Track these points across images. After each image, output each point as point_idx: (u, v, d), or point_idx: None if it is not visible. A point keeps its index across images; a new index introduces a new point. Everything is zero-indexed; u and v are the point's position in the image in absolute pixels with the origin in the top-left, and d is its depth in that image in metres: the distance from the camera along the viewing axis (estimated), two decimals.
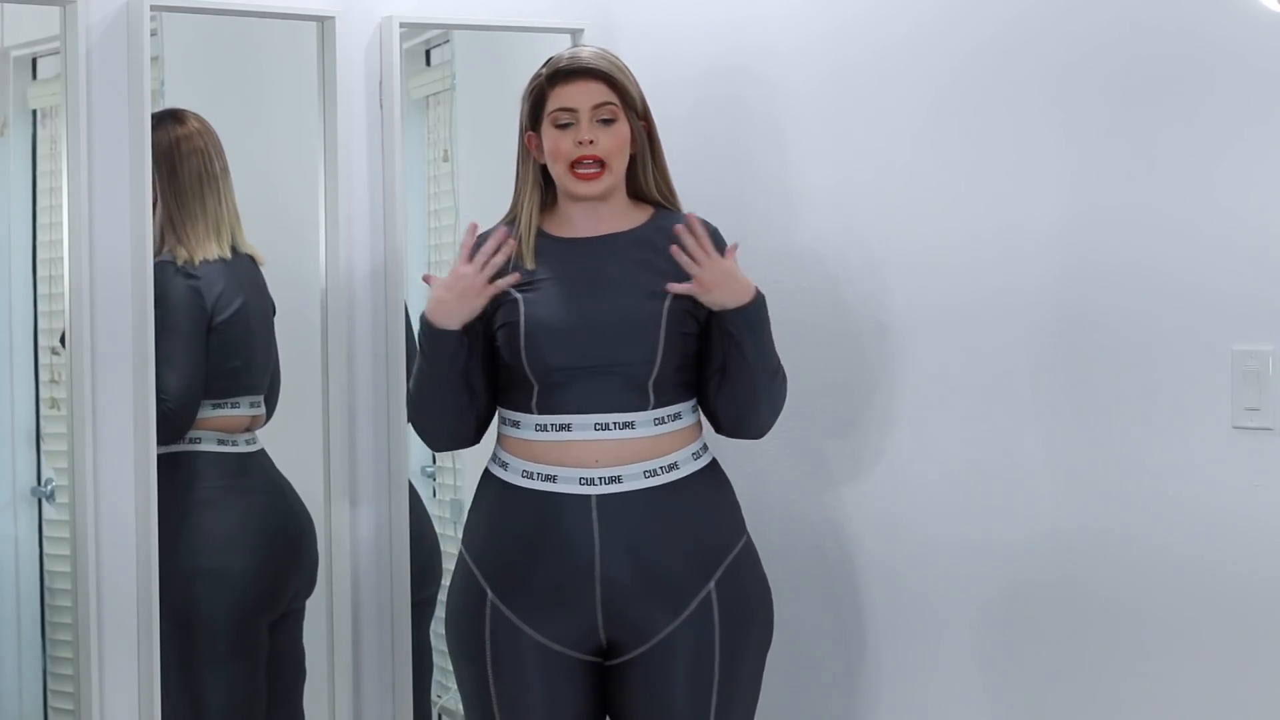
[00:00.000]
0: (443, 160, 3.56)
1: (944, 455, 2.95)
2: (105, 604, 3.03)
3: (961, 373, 2.92)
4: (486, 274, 2.70)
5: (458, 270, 2.71)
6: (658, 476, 2.72)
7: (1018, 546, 2.83)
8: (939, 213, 2.95)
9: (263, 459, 3.23)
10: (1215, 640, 2.53)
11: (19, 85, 3.15)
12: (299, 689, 3.29)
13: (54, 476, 3.13)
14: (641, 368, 2.72)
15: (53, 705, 3.13)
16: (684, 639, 2.71)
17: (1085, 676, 2.72)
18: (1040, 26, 2.78)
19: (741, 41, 3.33)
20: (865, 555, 3.12)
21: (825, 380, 3.15)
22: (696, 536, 2.74)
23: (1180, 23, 2.55)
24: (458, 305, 2.71)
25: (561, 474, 2.71)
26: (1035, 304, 2.78)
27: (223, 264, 3.16)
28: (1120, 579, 2.66)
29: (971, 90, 2.90)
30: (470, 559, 2.78)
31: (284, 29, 3.24)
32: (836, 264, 3.14)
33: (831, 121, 3.16)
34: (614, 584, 2.69)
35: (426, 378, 2.76)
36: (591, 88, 2.75)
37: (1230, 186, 2.49)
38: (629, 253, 2.78)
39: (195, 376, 3.11)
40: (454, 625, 2.80)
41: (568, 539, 2.69)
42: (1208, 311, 2.52)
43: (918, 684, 3.04)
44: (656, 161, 2.84)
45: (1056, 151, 2.75)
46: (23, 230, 3.13)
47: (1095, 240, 2.68)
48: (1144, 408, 2.61)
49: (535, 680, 2.72)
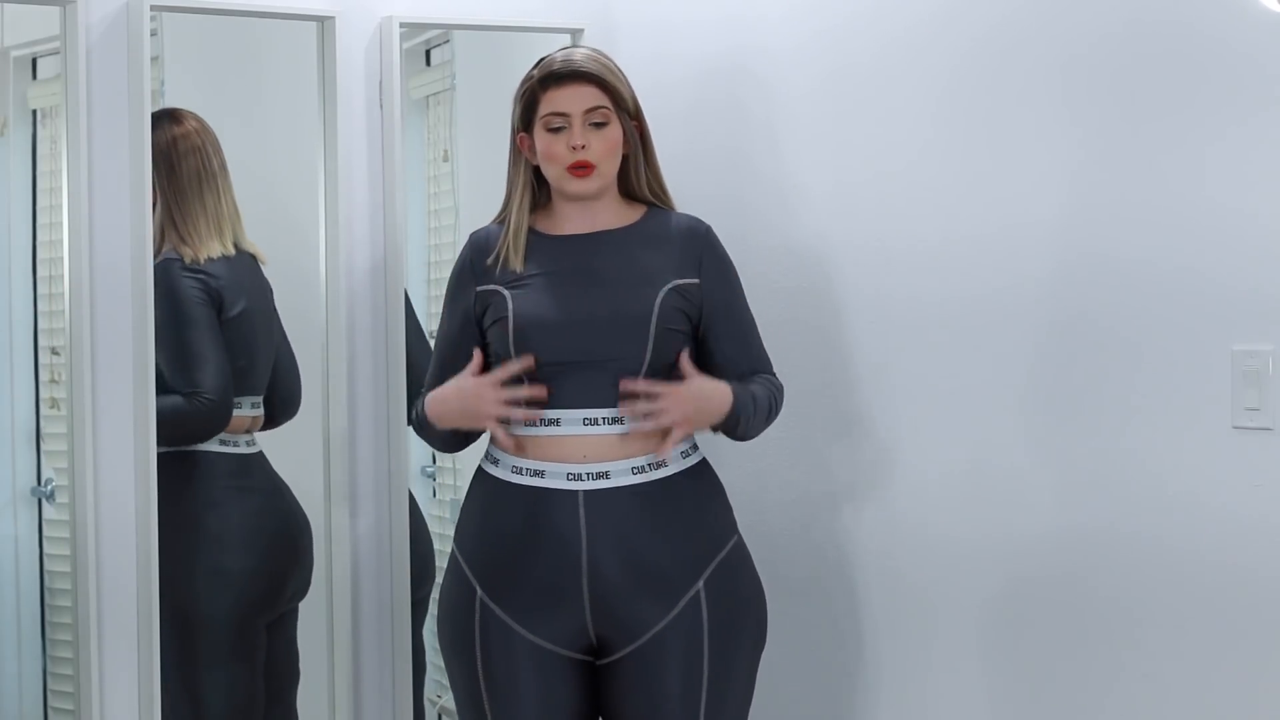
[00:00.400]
0: (443, 160, 3.56)
1: (943, 455, 2.95)
2: (105, 604, 3.03)
3: (961, 373, 2.92)
4: (502, 412, 2.70)
5: (480, 388, 2.71)
6: (646, 473, 2.72)
7: (1017, 546, 2.82)
8: (938, 211, 2.95)
9: (262, 460, 3.24)
10: (1216, 640, 2.53)
11: (19, 85, 3.15)
12: (293, 690, 3.29)
13: (54, 476, 3.13)
14: (631, 363, 2.72)
15: (53, 705, 3.13)
16: (673, 638, 2.71)
17: (1085, 677, 2.72)
18: (1039, 29, 2.78)
19: (740, 41, 3.33)
20: (865, 555, 3.12)
21: (825, 379, 3.15)
22: (685, 534, 2.74)
23: (1180, 23, 2.55)
24: (459, 418, 2.76)
25: (550, 469, 2.71)
26: (1035, 304, 2.78)
27: (226, 261, 3.16)
28: (1120, 579, 2.66)
29: (970, 90, 2.90)
30: (461, 557, 2.78)
31: (284, 29, 3.24)
32: (834, 263, 3.14)
33: (830, 121, 3.16)
34: (602, 580, 2.69)
35: (424, 431, 2.87)
36: (584, 91, 2.75)
37: (1230, 186, 2.49)
38: (621, 250, 2.78)
39: (226, 367, 3.11)
40: (445, 623, 2.81)
41: (555, 534, 2.69)
42: (1208, 311, 2.52)
43: (917, 684, 3.03)
44: (649, 161, 2.85)
45: (1056, 152, 2.74)
46: (23, 230, 3.13)
47: (1095, 240, 2.68)
48: (1144, 408, 2.61)
49: (526, 679, 2.72)
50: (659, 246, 2.79)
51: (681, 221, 2.84)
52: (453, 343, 2.83)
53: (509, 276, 2.77)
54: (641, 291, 2.75)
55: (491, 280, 2.79)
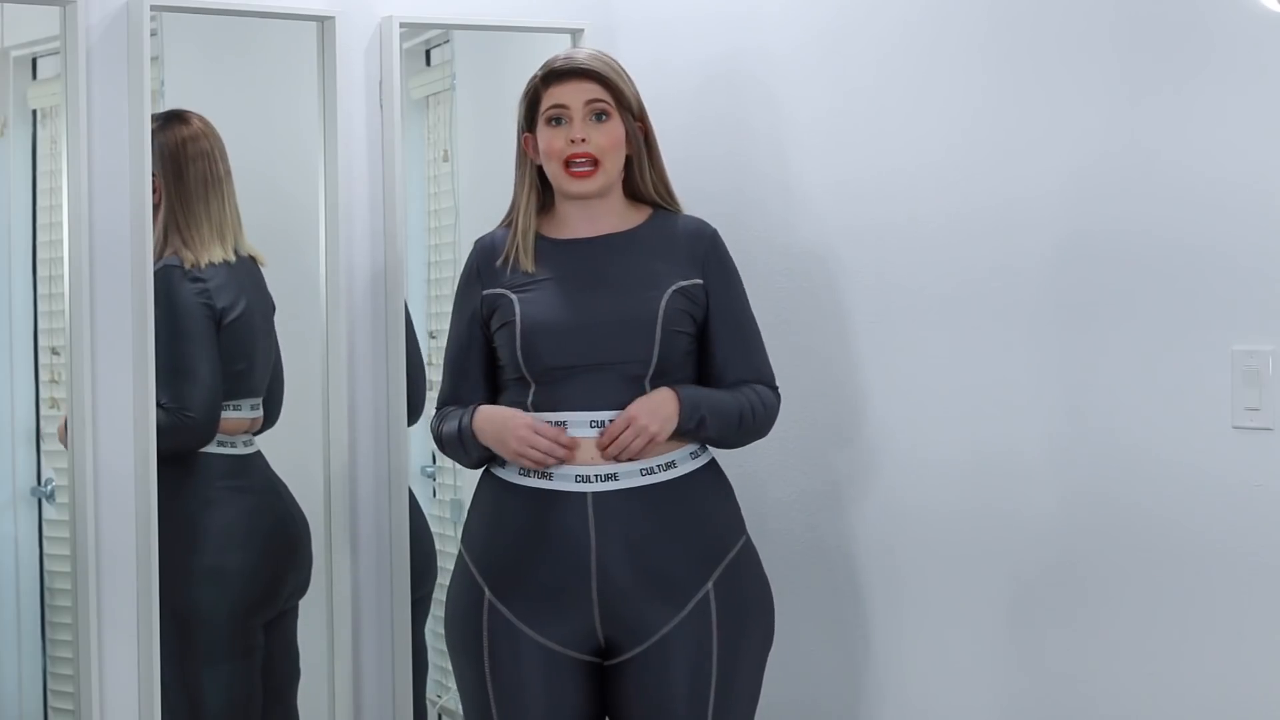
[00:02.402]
0: (443, 160, 3.56)
1: (943, 455, 2.95)
2: (105, 604, 3.03)
3: (960, 373, 2.92)
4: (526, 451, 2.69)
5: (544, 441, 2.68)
6: (655, 475, 2.72)
7: (1018, 546, 2.82)
8: (937, 210, 2.95)
9: (260, 460, 3.24)
10: (1215, 640, 2.53)
11: (19, 85, 3.15)
12: (293, 689, 3.29)
13: (54, 476, 3.13)
14: (638, 366, 2.72)
15: (53, 705, 3.13)
16: (682, 639, 2.71)
17: (1086, 677, 2.72)
18: (1038, 31, 2.78)
19: (741, 41, 3.33)
20: (866, 555, 3.12)
21: (824, 380, 3.15)
22: (694, 535, 2.74)
23: (1180, 22, 2.55)
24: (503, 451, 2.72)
25: (558, 471, 2.71)
26: (1035, 304, 2.78)
27: (227, 266, 3.16)
28: (1120, 580, 2.66)
29: (970, 91, 2.90)
30: (469, 559, 2.78)
31: (284, 29, 3.24)
32: (835, 263, 3.15)
33: (831, 120, 3.16)
34: (611, 581, 2.69)
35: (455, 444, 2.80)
36: (585, 86, 2.76)
37: (1230, 187, 2.49)
38: (626, 253, 2.78)
39: (215, 386, 3.11)
40: (453, 625, 2.80)
41: (564, 536, 2.69)
42: (1208, 311, 2.52)
43: (920, 683, 3.03)
44: (654, 163, 2.84)
45: (1056, 152, 2.74)
46: (23, 230, 3.13)
47: (1095, 240, 2.68)
48: (1144, 407, 2.61)
49: (534, 680, 2.72)
50: (664, 249, 2.79)
51: (688, 224, 2.84)
52: (463, 347, 2.84)
53: (518, 280, 2.77)
54: (646, 295, 2.75)
55: (498, 284, 2.79)
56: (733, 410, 2.77)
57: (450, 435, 2.80)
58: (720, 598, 2.73)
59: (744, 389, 2.80)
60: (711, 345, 2.80)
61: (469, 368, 2.82)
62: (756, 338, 2.85)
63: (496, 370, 2.82)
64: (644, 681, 2.72)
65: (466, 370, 2.82)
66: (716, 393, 2.77)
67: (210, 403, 3.11)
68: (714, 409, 2.74)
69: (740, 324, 2.83)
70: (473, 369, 2.82)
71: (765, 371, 2.85)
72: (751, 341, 2.84)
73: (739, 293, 2.84)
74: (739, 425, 2.78)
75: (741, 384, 2.80)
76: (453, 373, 2.85)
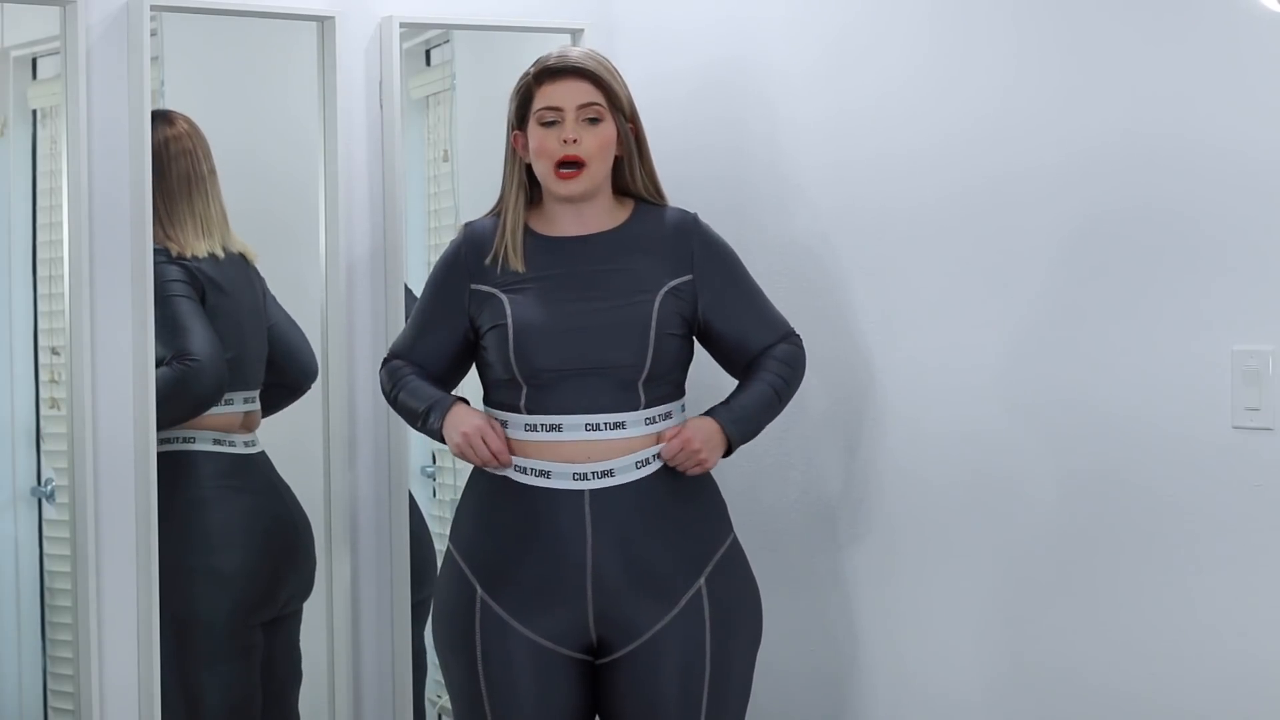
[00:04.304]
0: (443, 160, 3.56)
1: (942, 455, 2.95)
2: (105, 604, 3.03)
3: (960, 372, 2.92)
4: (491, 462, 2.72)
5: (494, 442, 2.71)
6: (649, 466, 2.73)
7: (1016, 549, 2.82)
8: (937, 211, 2.95)
9: (262, 461, 3.23)
10: (1216, 639, 2.53)
11: (19, 85, 3.15)
12: (295, 692, 3.29)
13: (54, 476, 3.13)
14: (631, 370, 2.72)
15: (53, 705, 3.13)
16: (674, 637, 2.71)
17: (1086, 677, 2.72)
18: (1038, 31, 2.78)
19: (740, 41, 3.33)
20: (865, 554, 3.12)
21: (823, 378, 3.15)
22: (685, 533, 2.74)
23: (1180, 22, 2.55)
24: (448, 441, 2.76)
25: (556, 469, 2.71)
26: (1035, 304, 2.78)
27: (213, 259, 3.16)
28: (1120, 580, 2.66)
29: (972, 90, 2.90)
30: (459, 555, 2.78)
31: (284, 29, 3.24)
32: (833, 258, 3.14)
33: (830, 119, 3.16)
34: (605, 579, 2.69)
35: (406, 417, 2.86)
36: (578, 87, 2.75)
37: (1230, 188, 2.49)
38: (615, 254, 2.78)
39: (213, 338, 3.09)
40: (443, 622, 2.80)
41: (560, 534, 2.70)
42: (1208, 311, 2.52)
43: (915, 683, 3.03)
44: (644, 163, 2.84)
45: (1056, 152, 2.74)
46: (23, 230, 3.13)
47: (1095, 241, 2.68)
48: (1144, 407, 2.61)
49: (525, 678, 2.72)
50: (651, 248, 2.79)
51: (670, 217, 2.83)
52: (434, 321, 2.82)
53: (508, 279, 2.77)
54: (639, 298, 2.75)
55: (488, 281, 2.78)
56: (767, 401, 2.81)
57: (408, 410, 2.82)
58: (712, 595, 2.73)
59: (765, 363, 2.82)
60: (726, 323, 2.80)
61: (431, 339, 2.82)
62: (761, 296, 2.87)
63: (457, 353, 2.82)
64: (636, 679, 2.72)
65: (427, 336, 2.83)
66: (745, 397, 2.80)
67: (212, 350, 3.08)
68: (753, 420, 2.80)
69: (745, 292, 2.84)
70: (433, 341, 2.82)
71: (782, 324, 2.87)
72: (759, 302, 2.86)
73: (734, 264, 2.84)
74: (779, 404, 2.84)
75: (764, 352, 2.82)
76: (416, 330, 2.85)
